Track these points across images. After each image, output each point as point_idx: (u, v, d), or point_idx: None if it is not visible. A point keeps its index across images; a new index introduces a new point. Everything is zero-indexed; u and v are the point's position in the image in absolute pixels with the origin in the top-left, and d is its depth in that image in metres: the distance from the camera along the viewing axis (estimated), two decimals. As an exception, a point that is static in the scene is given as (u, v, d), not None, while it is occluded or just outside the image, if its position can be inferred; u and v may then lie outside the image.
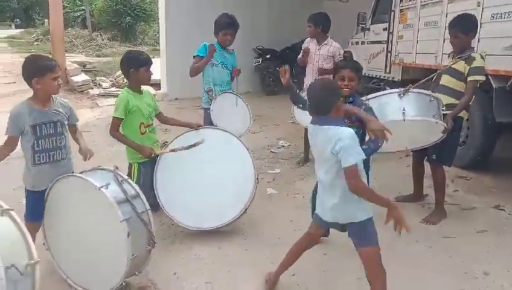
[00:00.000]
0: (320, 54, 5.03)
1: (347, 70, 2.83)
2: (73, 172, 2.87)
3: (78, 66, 11.09)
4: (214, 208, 3.39)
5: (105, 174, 2.73)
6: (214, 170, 3.44)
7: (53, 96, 2.79)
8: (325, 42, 5.04)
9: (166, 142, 3.53)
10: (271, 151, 5.76)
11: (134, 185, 2.76)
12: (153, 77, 3.70)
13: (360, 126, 2.75)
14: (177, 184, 3.40)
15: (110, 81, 10.67)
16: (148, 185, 3.32)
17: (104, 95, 9.49)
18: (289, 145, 6.14)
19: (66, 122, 2.86)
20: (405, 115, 3.08)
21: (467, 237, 3.46)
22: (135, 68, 3.21)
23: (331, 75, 4.88)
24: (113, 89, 9.78)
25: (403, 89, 3.22)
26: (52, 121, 2.76)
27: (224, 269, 2.97)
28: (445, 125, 3.29)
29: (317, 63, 5.02)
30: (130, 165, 3.39)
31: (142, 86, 3.40)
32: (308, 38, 5.25)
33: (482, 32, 4.34)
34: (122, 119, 3.20)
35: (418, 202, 4.14)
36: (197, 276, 2.90)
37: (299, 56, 5.30)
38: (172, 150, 3.27)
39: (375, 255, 2.32)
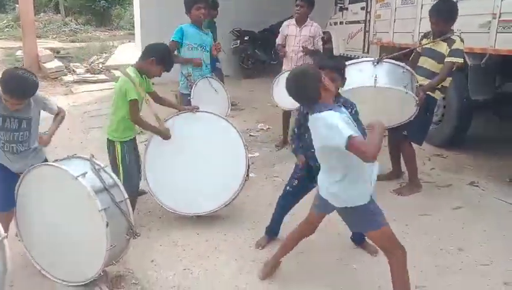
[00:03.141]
0: (301, 36, 4.96)
1: (327, 70, 2.50)
2: (46, 160, 2.79)
3: (50, 53, 10.73)
4: (204, 193, 3.35)
5: (82, 163, 2.66)
6: (204, 154, 3.39)
7: None
8: (306, 23, 4.97)
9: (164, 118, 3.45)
10: (250, 135, 5.72)
11: (112, 173, 2.70)
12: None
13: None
14: (166, 167, 3.36)
15: (85, 67, 10.36)
16: (135, 166, 3.27)
17: (78, 82, 9.23)
18: (268, 128, 6.11)
19: (38, 117, 2.78)
20: (376, 82, 3.17)
21: (443, 214, 3.52)
22: (157, 60, 3.11)
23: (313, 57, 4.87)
24: (88, 75, 9.52)
25: (377, 58, 3.33)
26: (17, 117, 2.68)
27: (203, 255, 2.96)
28: (416, 98, 3.32)
29: (298, 45, 4.96)
30: (112, 144, 3.25)
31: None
32: (287, 21, 5.16)
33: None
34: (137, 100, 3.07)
35: (397, 180, 4.19)
36: (176, 263, 2.88)
37: (278, 40, 5.23)
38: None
39: (381, 236, 2.28)
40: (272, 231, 3.12)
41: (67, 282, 2.65)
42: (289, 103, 4.78)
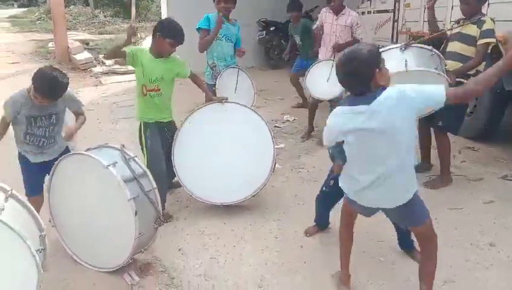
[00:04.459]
0: (337, 25, 4.90)
1: None
2: (67, 149, 2.89)
3: (80, 44, 10.97)
4: (231, 183, 3.37)
5: (112, 152, 2.72)
6: (232, 144, 3.42)
7: None
8: (343, 12, 4.90)
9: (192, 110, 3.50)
10: (275, 126, 5.71)
11: (141, 163, 2.76)
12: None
13: None
14: (194, 156, 3.40)
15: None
16: (157, 152, 3.28)
17: (107, 73, 9.43)
18: (294, 119, 6.08)
19: (64, 114, 2.87)
20: (407, 66, 3.12)
21: (474, 208, 3.43)
22: (163, 35, 3.12)
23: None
24: (117, 66, 9.69)
25: (404, 43, 3.30)
26: (47, 114, 2.79)
27: (229, 245, 2.99)
28: (449, 80, 3.24)
29: (335, 34, 4.90)
30: (139, 125, 3.33)
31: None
32: (325, 8, 5.10)
33: (491, -3, 4.19)
34: (127, 54, 3.08)
35: (425, 173, 4.10)
36: (202, 251, 2.92)
37: (316, 25, 5.18)
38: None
39: (430, 223, 2.18)
40: (320, 223, 3.10)
41: (98, 268, 2.73)
42: (323, 92, 4.78)
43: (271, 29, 10.44)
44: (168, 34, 3.12)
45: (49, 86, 2.62)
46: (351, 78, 2.00)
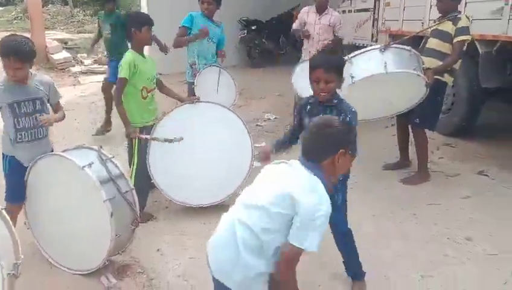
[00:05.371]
0: (320, 24, 4.90)
1: (321, 70, 2.17)
2: (52, 150, 2.80)
3: (58, 44, 10.78)
4: (210, 184, 3.35)
5: (89, 153, 2.68)
6: (209, 145, 3.37)
7: (32, 72, 2.68)
8: (326, 12, 4.91)
9: (164, 112, 3.43)
10: (257, 125, 5.70)
11: (118, 164, 2.71)
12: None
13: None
14: (170, 159, 3.33)
15: (92, 58, 10.42)
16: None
17: (86, 73, 9.28)
18: (275, 118, 6.08)
19: (47, 100, 2.77)
20: (387, 68, 3.15)
21: (451, 203, 3.48)
22: (137, 28, 3.11)
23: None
24: (96, 66, 9.57)
25: (383, 45, 3.33)
26: (30, 99, 2.66)
27: (209, 244, 2.96)
28: (427, 79, 3.29)
29: (318, 34, 4.90)
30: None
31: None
32: (306, 8, 5.10)
33: (469, -4, 4.26)
34: (127, 80, 3.09)
35: (404, 169, 4.15)
36: (181, 252, 2.88)
37: (295, 26, 5.15)
38: (153, 139, 3.19)
39: None
40: None
41: (74, 270, 2.67)
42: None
43: (252, 28, 10.43)
44: (141, 23, 3.13)
45: (11, 44, 2.51)
46: (314, 143, 1.73)
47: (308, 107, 2.36)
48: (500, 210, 3.34)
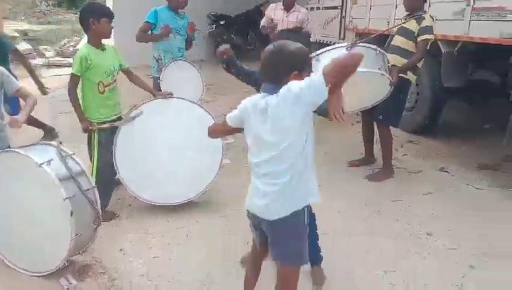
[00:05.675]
0: (288, 21, 4.89)
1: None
2: (9, 146, 2.67)
3: (17, 35, 10.34)
4: (178, 182, 3.27)
5: (48, 150, 2.58)
6: (178, 142, 3.29)
7: None
8: (293, 9, 4.91)
9: (135, 105, 3.34)
10: (225, 121, 5.65)
11: (79, 161, 2.62)
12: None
13: None
14: (138, 155, 3.24)
15: (55, 50, 10.06)
16: (109, 150, 3.17)
17: (47, 65, 8.95)
18: (243, 114, 6.04)
19: (2, 91, 2.63)
20: None
21: (414, 200, 3.57)
22: (96, 18, 2.97)
23: None
24: (58, 58, 9.24)
25: (350, 43, 3.37)
26: None
27: (174, 243, 2.91)
28: (391, 78, 3.36)
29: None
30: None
31: (104, 42, 3.17)
32: (273, 4, 5.09)
33: (433, -3, 4.37)
34: (79, 76, 3.00)
35: (369, 166, 4.22)
36: (145, 251, 2.82)
37: (263, 22, 5.13)
38: (112, 125, 3.11)
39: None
40: None
41: (31, 272, 2.56)
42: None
43: (221, 23, 10.37)
44: (100, 14, 3.01)
45: None
46: (268, 68, 1.81)
47: None
48: (459, 206, 3.45)
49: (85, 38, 3.24)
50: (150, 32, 4.13)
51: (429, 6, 4.47)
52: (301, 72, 1.75)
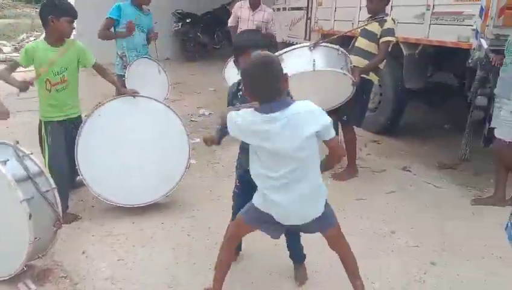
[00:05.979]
0: (254, 21, 4.90)
1: (248, 53, 2.07)
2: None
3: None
4: (143, 182, 3.20)
5: (3, 149, 2.47)
6: (144, 141, 3.21)
7: None
8: (259, 8, 4.93)
9: (100, 102, 3.24)
10: (191, 120, 5.60)
11: (37, 161, 2.52)
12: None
13: None
14: (101, 155, 3.14)
15: (13, 45, 9.66)
16: (60, 150, 3.07)
17: (4, 61, 8.57)
18: (210, 113, 6.01)
19: None
20: (315, 66, 3.25)
21: (377, 198, 3.65)
22: (56, 16, 2.85)
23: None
24: (16, 54, 8.86)
25: (313, 43, 3.43)
26: None
27: (138, 245, 2.85)
28: (353, 78, 3.43)
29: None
30: (40, 122, 3.12)
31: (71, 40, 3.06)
32: (239, 3, 5.09)
33: (394, 0, 4.47)
34: (20, 65, 2.97)
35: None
36: (109, 253, 2.75)
37: (230, 22, 5.14)
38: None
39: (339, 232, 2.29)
40: None
41: (-13, 278, 2.44)
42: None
43: (187, 21, 10.25)
44: (62, 12, 2.89)
45: None
46: (268, 87, 1.85)
47: (240, 93, 2.24)
48: (421, 204, 3.56)
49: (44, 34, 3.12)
50: (112, 29, 4.04)
51: (391, 9, 4.60)
52: (284, 73, 1.91)
